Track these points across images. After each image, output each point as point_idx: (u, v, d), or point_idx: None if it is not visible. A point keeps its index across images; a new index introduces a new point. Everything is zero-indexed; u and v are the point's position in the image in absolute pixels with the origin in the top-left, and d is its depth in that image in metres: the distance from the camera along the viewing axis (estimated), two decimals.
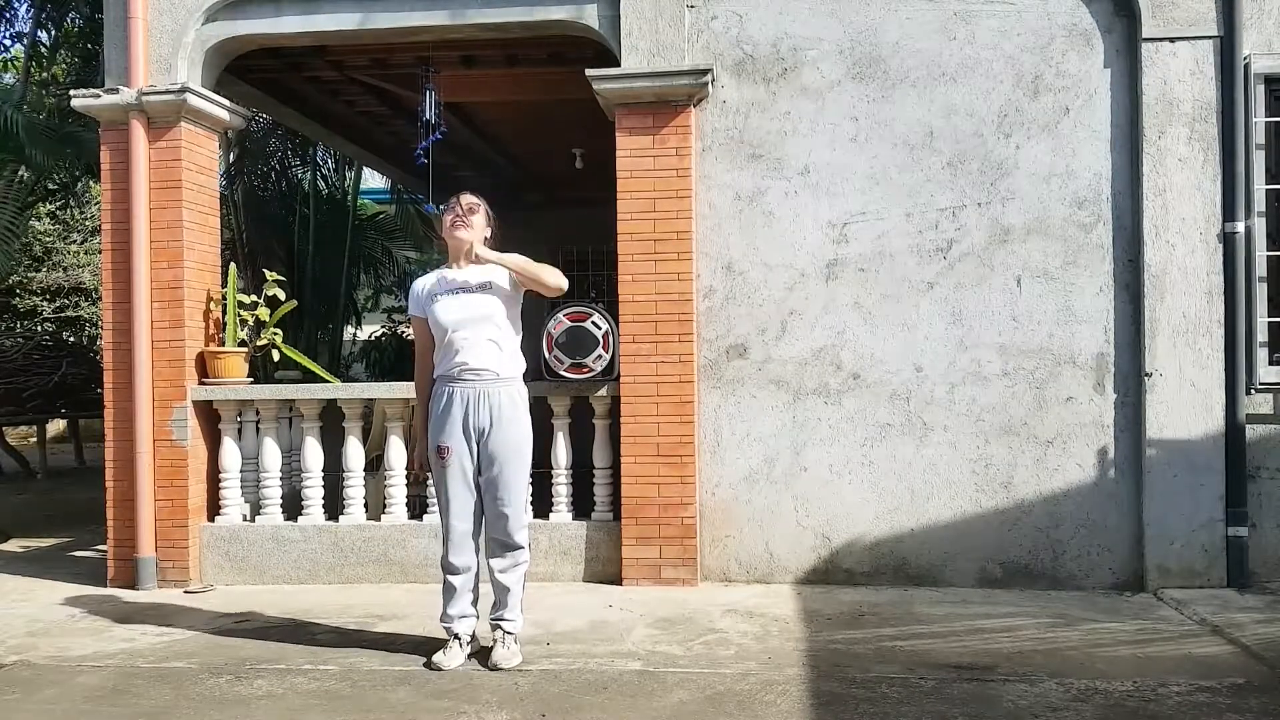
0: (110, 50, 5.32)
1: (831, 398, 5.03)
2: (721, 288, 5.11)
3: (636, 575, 4.98)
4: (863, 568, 5.00)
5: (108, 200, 5.33)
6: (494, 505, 3.73)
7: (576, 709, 3.31)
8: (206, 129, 5.47)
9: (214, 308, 5.48)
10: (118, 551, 5.27)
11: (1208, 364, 4.77)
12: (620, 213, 5.06)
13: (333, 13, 5.26)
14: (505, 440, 3.70)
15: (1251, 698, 3.32)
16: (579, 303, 5.37)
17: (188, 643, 4.17)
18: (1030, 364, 4.92)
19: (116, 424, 5.27)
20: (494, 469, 3.71)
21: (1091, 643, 3.98)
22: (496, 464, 3.70)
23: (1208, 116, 4.79)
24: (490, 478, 3.72)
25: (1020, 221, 4.95)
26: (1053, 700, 3.31)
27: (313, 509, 5.31)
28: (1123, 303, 4.89)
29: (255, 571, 5.27)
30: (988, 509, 4.94)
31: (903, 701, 3.32)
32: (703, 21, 5.11)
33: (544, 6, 5.11)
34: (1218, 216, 4.77)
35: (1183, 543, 4.76)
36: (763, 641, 4.05)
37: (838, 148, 5.04)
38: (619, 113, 5.08)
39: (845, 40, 5.04)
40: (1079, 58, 4.92)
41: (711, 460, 5.09)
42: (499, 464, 3.70)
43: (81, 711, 3.39)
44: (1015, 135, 4.95)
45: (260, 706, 3.39)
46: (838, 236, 5.04)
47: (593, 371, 5.11)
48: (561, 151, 8.34)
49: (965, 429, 4.95)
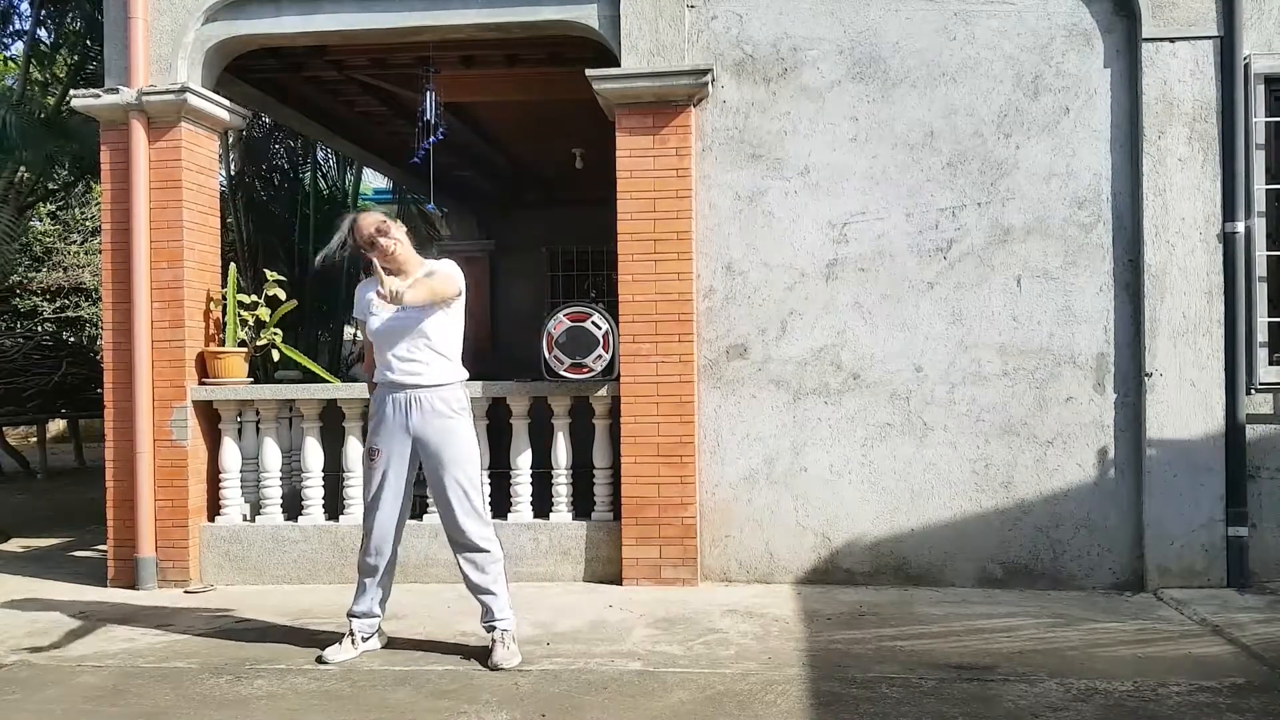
0: (110, 50, 5.32)
1: (831, 398, 5.03)
2: (721, 288, 5.11)
3: (636, 575, 4.98)
4: (863, 568, 5.00)
5: (108, 200, 5.33)
6: (441, 503, 3.82)
7: (576, 709, 3.31)
8: (206, 129, 5.47)
9: (214, 308, 5.48)
10: (118, 551, 5.27)
11: (1208, 364, 4.77)
12: (620, 213, 5.06)
13: (333, 12, 5.26)
14: (439, 442, 3.76)
15: (1251, 698, 3.32)
16: (579, 303, 5.37)
17: (188, 643, 4.17)
18: (1030, 364, 4.92)
19: (116, 424, 5.27)
20: (436, 469, 3.78)
21: (1091, 643, 3.98)
22: (436, 464, 3.77)
23: (1208, 116, 4.79)
24: (434, 478, 3.80)
25: (1020, 221, 4.95)
26: (1053, 700, 3.31)
27: (313, 509, 5.32)
28: (1123, 303, 4.89)
29: (255, 571, 5.27)
30: (988, 509, 4.94)
31: (903, 701, 3.32)
32: (703, 21, 5.11)
33: (544, 6, 5.11)
34: (1218, 216, 4.77)
35: (1183, 543, 4.76)
36: (763, 641, 4.05)
37: (838, 148, 5.04)
38: (619, 113, 5.08)
39: (845, 40, 5.04)
40: (1079, 58, 4.92)
41: (711, 460, 5.09)
42: (438, 464, 3.77)
43: (81, 711, 3.39)
44: (1015, 135, 4.95)
45: (260, 706, 3.39)
46: (838, 236, 5.04)
47: (593, 371, 5.11)
48: (561, 151, 8.34)
49: (965, 429, 4.95)
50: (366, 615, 3.91)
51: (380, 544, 3.83)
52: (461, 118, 7.61)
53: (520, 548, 5.04)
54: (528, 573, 5.07)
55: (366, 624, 3.92)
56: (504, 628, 3.82)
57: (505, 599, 3.86)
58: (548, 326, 5.15)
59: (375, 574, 3.88)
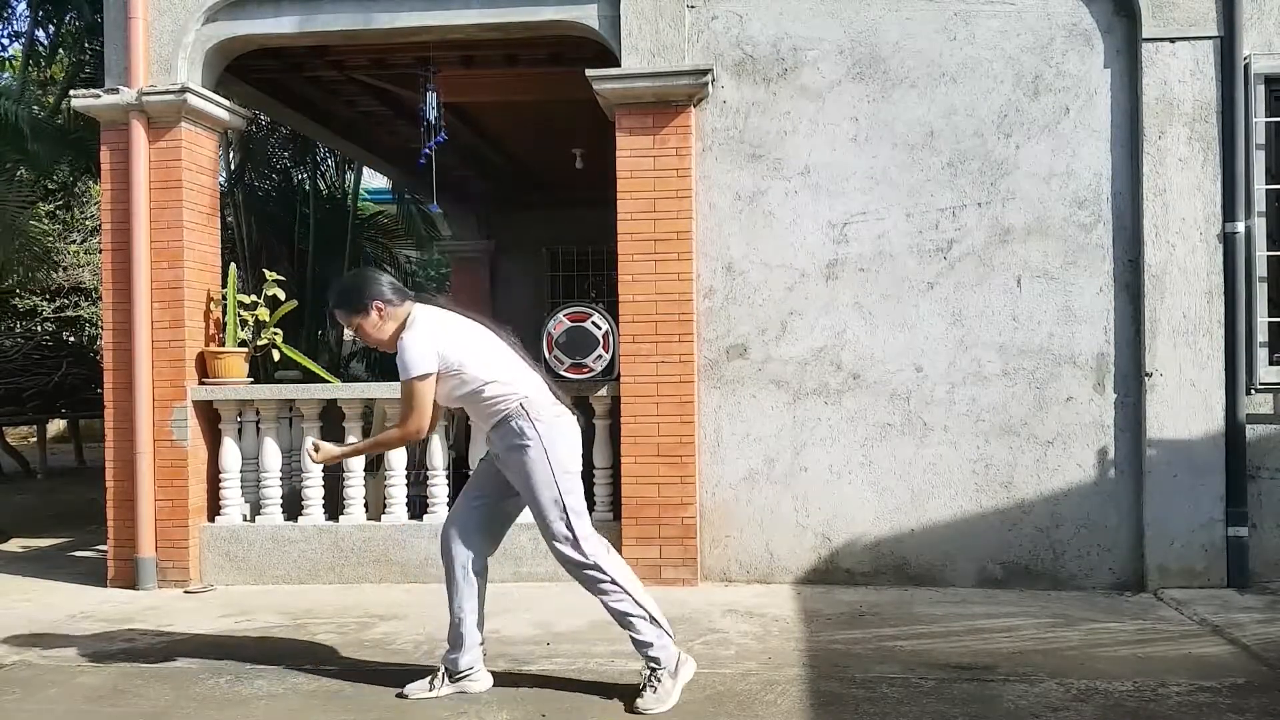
0: (110, 50, 5.32)
1: (831, 398, 5.03)
2: (722, 288, 5.11)
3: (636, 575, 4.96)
4: (863, 568, 5.00)
5: (108, 200, 5.33)
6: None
7: (577, 709, 3.30)
8: (207, 129, 5.47)
9: (214, 308, 5.48)
10: (118, 551, 5.27)
11: (1208, 364, 4.77)
12: (620, 213, 5.06)
13: (333, 12, 5.26)
14: (504, 466, 3.43)
15: (1251, 698, 3.32)
16: (579, 303, 5.37)
17: (188, 643, 4.17)
18: (1030, 364, 4.92)
19: (116, 424, 5.26)
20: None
21: (1091, 643, 3.98)
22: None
23: (1208, 116, 4.79)
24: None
25: (1020, 221, 4.95)
26: (1053, 700, 3.31)
27: (313, 509, 5.31)
28: (1123, 303, 4.89)
29: (255, 572, 5.27)
30: (988, 509, 4.94)
31: (903, 701, 3.32)
32: (703, 22, 5.11)
33: (544, 6, 5.11)
34: (1218, 216, 4.77)
35: (1183, 543, 4.76)
36: (763, 641, 4.05)
37: (838, 148, 5.04)
38: (619, 113, 5.08)
39: (845, 40, 5.04)
40: (1079, 58, 4.92)
41: (711, 460, 5.09)
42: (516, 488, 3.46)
43: (81, 712, 3.39)
44: (1015, 135, 4.95)
45: (260, 706, 3.39)
46: (838, 236, 5.04)
47: (593, 371, 5.11)
48: (561, 151, 8.33)
49: (965, 429, 4.95)
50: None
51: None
52: (462, 118, 7.61)
53: (520, 547, 5.03)
54: (528, 573, 5.07)
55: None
56: (643, 657, 3.36)
57: (634, 625, 3.35)
58: (548, 326, 5.15)
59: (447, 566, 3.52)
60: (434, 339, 3.27)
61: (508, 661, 3.77)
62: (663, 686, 3.28)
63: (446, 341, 3.30)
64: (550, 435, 3.32)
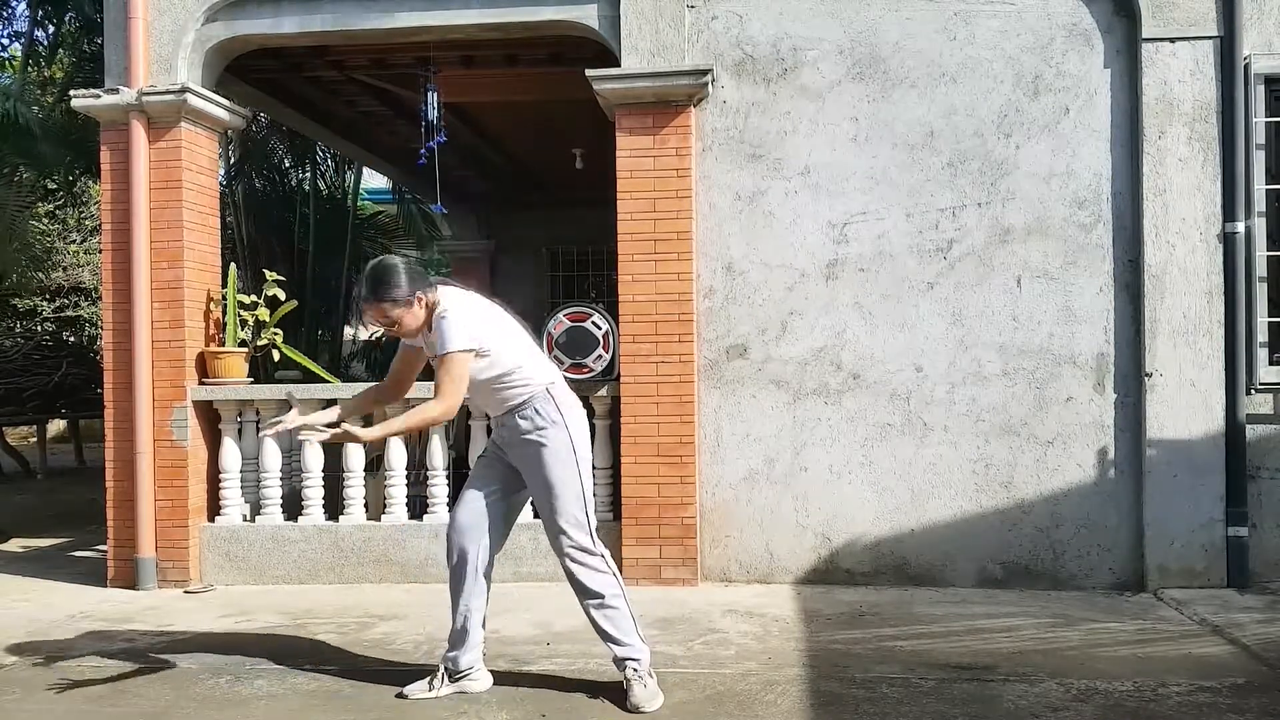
0: (110, 50, 5.32)
1: (831, 398, 5.03)
2: (722, 288, 5.11)
3: (637, 575, 4.97)
4: (863, 568, 5.00)
5: (107, 200, 5.33)
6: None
7: (576, 709, 3.31)
8: (206, 129, 5.47)
9: (214, 308, 5.48)
10: (118, 551, 5.27)
11: (1208, 364, 4.77)
12: (620, 213, 5.06)
13: (333, 12, 5.26)
14: (519, 458, 3.45)
15: (1251, 698, 3.32)
16: (579, 303, 5.37)
17: (188, 643, 4.16)
18: (1030, 364, 4.92)
19: (116, 424, 5.27)
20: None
21: (1091, 643, 3.98)
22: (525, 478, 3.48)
23: (1208, 116, 4.79)
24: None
25: (1020, 221, 4.95)
26: (1053, 700, 3.31)
27: (313, 509, 5.31)
28: (1123, 303, 4.89)
29: (255, 572, 5.27)
30: (988, 509, 4.94)
31: (903, 701, 3.32)
32: (703, 22, 5.11)
33: (544, 6, 5.11)
34: (1218, 216, 4.77)
35: (1183, 543, 4.76)
36: (763, 641, 4.05)
37: (838, 148, 5.04)
38: (619, 113, 5.08)
39: (845, 40, 5.04)
40: (1079, 58, 4.92)
41: (711, 460, 5.09)
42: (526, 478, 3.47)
43: (81, 712, 3.39)
44: (1015, 135, 4.95)
45: (260, 706, 3.39)
46: (838, 236, 5.04)
47: (593, 371, 5.11)
48: (561, 151, 8.34)
49: (965, 429, 4.95)
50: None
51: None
52: (462, 118, 7.61)
53: (520, 547, 5.03)
54: (528, 573, 5.07)
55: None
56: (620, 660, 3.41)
57: (613, 628, 3.40)
58: (548, 327, 5.15)
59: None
60: (471, 317, 3.31)
61: (508, 661, 3.77)
62: (651, 682, 3.34)
63: (480, 321, 3.34)
64: (573, 419, 3.40)
